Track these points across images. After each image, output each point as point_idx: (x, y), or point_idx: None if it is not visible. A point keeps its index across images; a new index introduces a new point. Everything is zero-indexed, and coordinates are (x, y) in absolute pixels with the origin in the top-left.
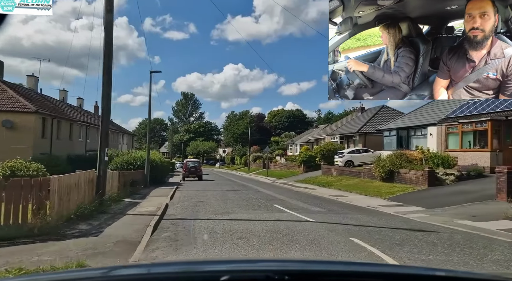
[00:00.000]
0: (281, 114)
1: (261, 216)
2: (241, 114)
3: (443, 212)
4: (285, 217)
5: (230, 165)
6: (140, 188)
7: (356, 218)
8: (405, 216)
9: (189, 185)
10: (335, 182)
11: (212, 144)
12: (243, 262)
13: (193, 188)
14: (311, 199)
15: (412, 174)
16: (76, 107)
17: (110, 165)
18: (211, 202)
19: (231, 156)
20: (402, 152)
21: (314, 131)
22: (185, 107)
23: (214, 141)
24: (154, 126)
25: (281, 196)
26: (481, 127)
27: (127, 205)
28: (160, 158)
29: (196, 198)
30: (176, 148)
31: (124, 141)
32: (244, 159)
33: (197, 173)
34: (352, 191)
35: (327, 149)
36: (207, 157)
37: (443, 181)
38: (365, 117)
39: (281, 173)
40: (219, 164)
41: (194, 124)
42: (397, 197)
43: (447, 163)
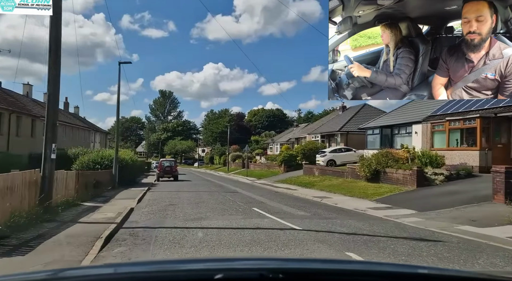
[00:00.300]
0: (261, 113)
1: (238, 222)
2: (221, 112)
3: (437, 215)
4: (266, 224)
5: (209, 164)
6: (106, 190)
7: (347, 224)
8: (398, 221)
9: (162, 186)
10: (318, 182)
11: (190, 143)
12: (237, 260)
13: (166, 189)
14: (293, 201)
15: (400, 174)
16: (42, 102)
17: (74, 165)
18: (183, 205)
19: (210, 156)
20: (388, 151)
21: (295, 130)
22: (163, 106)
23: (193, 140)
24: (130, 124)
25: (261, 197)
26: (469, 124)
27: (83, 210)
28: (132, 156)
29: (167, 201)
30: (154, 148)
31: (97, 140)
32: (223, 158)
33: (172, 173)
34: (337, 192)
35: (308, 148)
36: (185, 156)
37: (432, 181)
38: (346, 115)
39: (261, 173)
40: (198, 163)
41: (172, 122)
42: (385, 199)
43: (436, 162)
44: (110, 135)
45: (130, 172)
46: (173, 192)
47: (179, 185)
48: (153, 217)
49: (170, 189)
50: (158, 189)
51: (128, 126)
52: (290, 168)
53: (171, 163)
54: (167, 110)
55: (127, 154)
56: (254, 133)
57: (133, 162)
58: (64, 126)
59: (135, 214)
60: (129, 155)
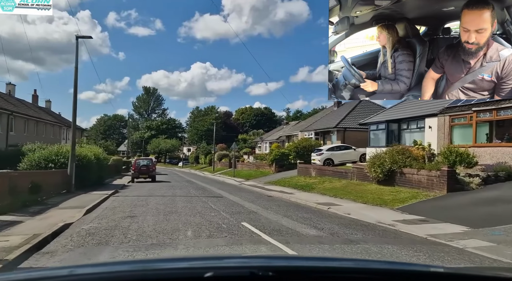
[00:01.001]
0: (249, 112)
1: (220, 253)
2: (207, 110)
3: (508, 235)
4: (264, 255)
5: (194, 164)
6: (55, 194)
7: (387, 253)
8: (457, 245)
9: (133, 189)
10: (317, 185)
11: (175, 142)
12: (227, 258)
13: (136, 193)
14: (294, 209)
15: (422, 175)
16: (3, 93)
17: (22, 163)
18: (146, 218)
19: (195, 155)
20: (404, 148)
21: (285, 128)
22: (146, 103)
23: (178, 139)
24: (113, 123)
25: (252, 205)
26: (505, 115)
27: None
28: (98, 153)
29: (127, 211)
30: (137, 146)
31: (69, 136)
32: (209, 157)
33: (149, 173)
34: (344, 197)
35: (302, 146)
36: (170, 156)
37: (466, 185)
38: (342, 111)
39: (250, 173)
40: (183, 163)
41: (157, 120)
42: (411, 208)
43: (467, 160)
44: (87, 132)
45: (96, 172)
46: (143, 197)
47: (155, 187)
48: (88, 242)
49: (140, 193)
50: (126, 192)
51: (111, 124)
52: (282, 168)
53: (147, 162)
54: (151, 108)
55: (92, 151)
56: (242, 132)
57: (99, 160)
58: (26, 120)
59: (65, 236)
60: (93, 151)
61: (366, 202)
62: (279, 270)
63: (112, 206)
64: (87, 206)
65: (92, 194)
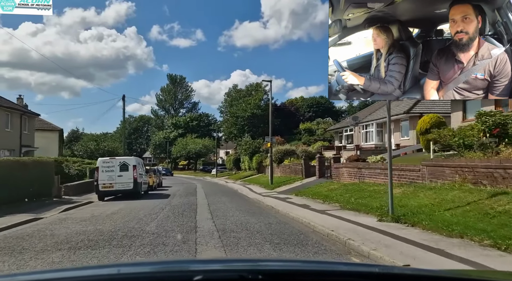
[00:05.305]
0: (300, 103)
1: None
2: (249, 88)
3: None
4: None
5: (234, 171)
6: None
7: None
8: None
9: None
10: None
11: (208, 142)
12: (216, 262)
13: None
14: None
15: None
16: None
17: None
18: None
19: (234, 158)
20: None
21: (392, 106)
22: (172, 95)
23: (212, 139)
24: (139, 125)
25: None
26: None
27: None
28: None
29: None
30: (160, 150)
31: (28, 126)
32: (257, 159)
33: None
34: None
35: None
36: (204, 161)
37: None
38: None
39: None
40: (216, 170)
41: (185, 116)
42: None
43: None
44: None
45: None
46: None
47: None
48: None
49: None
50: None
51: (137, 127)
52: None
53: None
54: (178, 102)
55: None
56: (303, 120)
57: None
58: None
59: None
60: None
61: None
62: (269, 273)
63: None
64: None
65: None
